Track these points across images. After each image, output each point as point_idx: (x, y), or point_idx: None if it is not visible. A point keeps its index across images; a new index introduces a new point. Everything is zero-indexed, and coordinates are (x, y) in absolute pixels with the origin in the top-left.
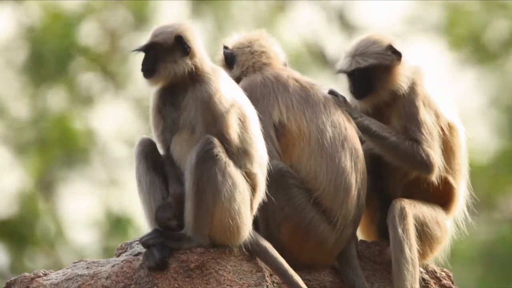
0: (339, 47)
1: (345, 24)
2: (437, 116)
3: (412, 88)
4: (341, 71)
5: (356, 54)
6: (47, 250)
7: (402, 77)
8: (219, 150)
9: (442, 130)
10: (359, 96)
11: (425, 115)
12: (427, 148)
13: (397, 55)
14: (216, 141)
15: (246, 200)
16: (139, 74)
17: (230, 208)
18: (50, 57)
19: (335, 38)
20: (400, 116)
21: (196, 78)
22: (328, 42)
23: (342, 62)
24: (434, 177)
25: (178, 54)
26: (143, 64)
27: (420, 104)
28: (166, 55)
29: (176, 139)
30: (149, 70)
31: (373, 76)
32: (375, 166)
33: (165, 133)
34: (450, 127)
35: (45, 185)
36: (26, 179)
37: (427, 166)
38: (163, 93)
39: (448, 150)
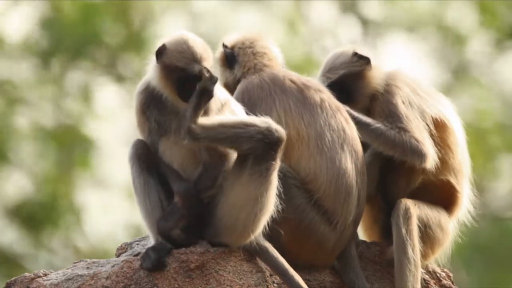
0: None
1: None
2: (421, 112)
3: (387, 90)
4: None
5: (325, 71)
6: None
7: (377, 79)
8: None
9: (429, 126)
10: None
11: (406, 110)
12: (416, 135)
13: (365, 59)
14: None
15: None
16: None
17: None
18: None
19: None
20: (380, 115)
21: None
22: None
23: None
24: (430, 165)
25: None
26: None
27: (398, 101)
28: None
29: (165, 143)
30: None
31: (348, 86)
32: (380, 171)
33: (152, 135)
34: (438, 123)
35: (66, 169)
36: (47, 162)
37: (419, 152)
38: (146, 95)
39: (445, 148)
